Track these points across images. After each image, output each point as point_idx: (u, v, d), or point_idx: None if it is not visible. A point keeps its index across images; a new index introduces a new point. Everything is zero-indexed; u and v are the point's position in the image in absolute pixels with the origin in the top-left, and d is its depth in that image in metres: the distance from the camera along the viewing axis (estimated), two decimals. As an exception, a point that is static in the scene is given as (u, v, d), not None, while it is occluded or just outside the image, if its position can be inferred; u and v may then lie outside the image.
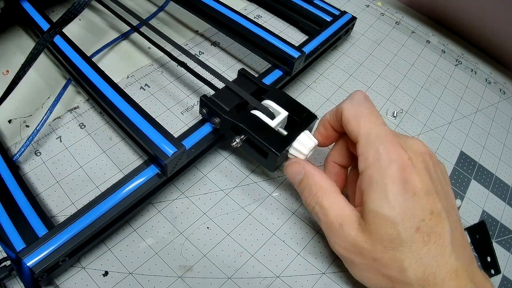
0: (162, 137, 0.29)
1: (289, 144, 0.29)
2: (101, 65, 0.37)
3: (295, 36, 0.46)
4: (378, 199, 0.24)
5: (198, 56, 0.42)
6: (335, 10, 0.45)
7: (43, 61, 0.39)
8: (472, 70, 0.48)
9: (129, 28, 0.42)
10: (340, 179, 0.30)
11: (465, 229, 0.31)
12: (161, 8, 0.47)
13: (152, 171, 0.29)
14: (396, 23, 0.51)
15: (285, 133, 0.29)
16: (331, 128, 0.29)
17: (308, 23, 0.45)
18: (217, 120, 0.30)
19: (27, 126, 0.34)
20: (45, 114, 0.33)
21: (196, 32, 0.45)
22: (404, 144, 0.25)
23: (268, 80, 0.36)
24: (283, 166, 0.30)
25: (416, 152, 0.25)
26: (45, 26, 0.37)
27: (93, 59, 0.37)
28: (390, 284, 0.24)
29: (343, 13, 0.44)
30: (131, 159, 0.33)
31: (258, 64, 0.42)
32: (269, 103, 0.31)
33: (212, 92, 0.32)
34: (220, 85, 0.33)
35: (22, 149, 0.31)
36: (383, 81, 0.43)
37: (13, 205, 0.26)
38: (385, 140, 0.25)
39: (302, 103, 0.31)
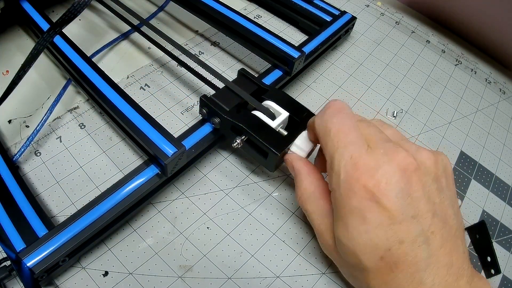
0: (162, 137, 0.29)
1: (289, 144, 0.29)
2: (101, 65, 0.37)
3: (295, 36, 0.46)
4: (340, 228, 0.23)
5: (198, 56, 0.42)
6: (335, 10, 0.45)
7: (43, 61, 0.39)
8: (472, 70, 0.48)
9: (129, 28, 0.42)
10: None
11: (465, 229, 0.31)
12: (161, 8, 0.47)
13: (152, 171, 0.29)
14: (396, 23, 0.51)
15: (285, 133, 0.29)
16: (314, 135, 0.28)
17: (308, 23, 0.45)
18: (217, 120, 0.30)
19: (27, 126, 0.34)
20: (45, 114, 0.33)
21: (196, 32, 0.45)
22: (376, 164, 0.22)
23: (268, 80, 0.36)
24: (283, 165, 0.30)
25: (389, 173, 0.22)
26: (45, 26, 0.37)
27: (93, 59, 0.38)
28: None
29: (343, 13, 0.44)
30: (131, 159, 0.33)
31: (258, 64, 0.42)
32: (269, 103, 0.31)
33: (212, 92, 0.32)
34: (220, 85, 0.33)
35: (22, 149, 0.31)
36: (383, 81, 0.43)
37: (13, 205, 0.26)
38: (349, 164, 0.22)
39: (302, 103, 0.31)
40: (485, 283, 0.24)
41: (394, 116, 0.40)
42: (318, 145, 0.30)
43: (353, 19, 0.44)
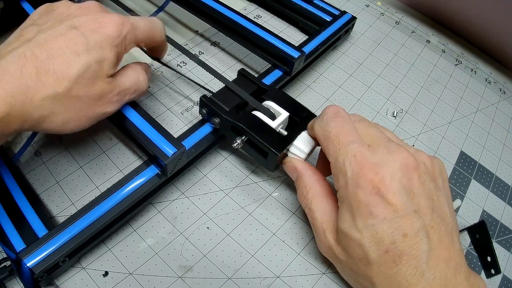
0: (162, 137, 0.29)
1: (289, 144, 0.29)
2: (101, 65, 0.37)
3: (295, 36, 0.46)
4: (347, 221, 0.24)
5: (198, 56, 0.42)
6: (335, 10, 0.45)
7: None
8: (472, 70, 0.48)
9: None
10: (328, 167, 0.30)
11: (465, 229, 0.31)
12: (161, 8, 0.47)
13: (152, 171, 0.29)
14: (396, 23, 0.51)
15: (285, 133, 0.29)
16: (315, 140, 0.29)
17: (308, 23, 0.45)
18: (217, 120, 0.30)
19: (27, 126, 0.34)
20: (45, 114, 0.33)
21: (196, 32, 0.45)
22: (380, 162, 0.24)
23: (268, 80, 0.36)
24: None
25: (393, 170, 0.23)
26: (45, 26, 0.36)
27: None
28: None
29: (343, 13, 0.44)
30: (131, 159, 0.33)
31: (258, 64, 0.42)
32: (270, 103, 0.31)
33: (212, 92, 0.32)
34: (220, 85, 0.33)
35: (22, 149, 0.31)
36: (383, 81, 0.43)
37: (13, 205, 0.26)
38: (354, 163, 0.24)
39: (302, 103, 0.31)
40: (481, 281, 0.25)
41: (394, 116, 0.40)
42: (319, 148, 0.30)
43: (353, 19, 0.44)
